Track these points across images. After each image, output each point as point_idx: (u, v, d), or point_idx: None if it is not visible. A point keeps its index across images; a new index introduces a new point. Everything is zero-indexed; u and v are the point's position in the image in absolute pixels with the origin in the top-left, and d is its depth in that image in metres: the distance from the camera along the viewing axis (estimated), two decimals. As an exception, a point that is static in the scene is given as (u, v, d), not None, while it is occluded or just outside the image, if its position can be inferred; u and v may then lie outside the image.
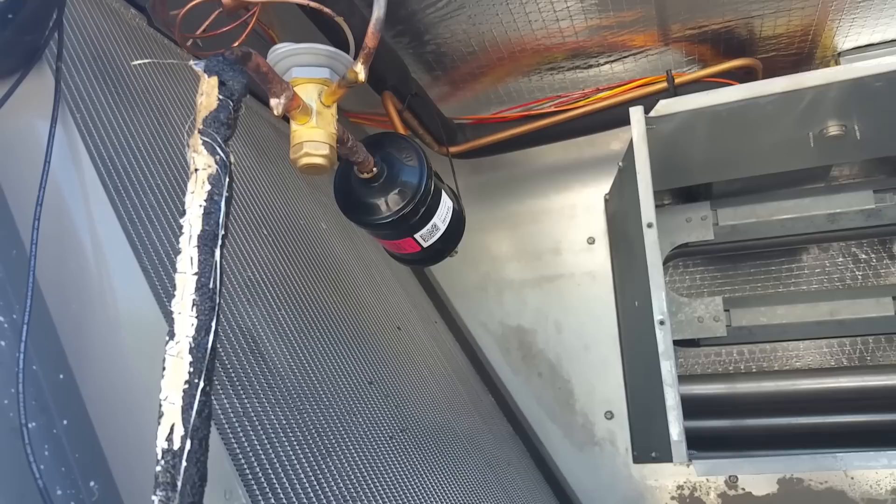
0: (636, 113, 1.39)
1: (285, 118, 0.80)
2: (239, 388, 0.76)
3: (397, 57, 1.54)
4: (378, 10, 0.70)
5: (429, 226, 1.03)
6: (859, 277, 2.12)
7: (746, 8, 1.44)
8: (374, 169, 0.96)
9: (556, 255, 2.03)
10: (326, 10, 0.77)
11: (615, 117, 1.73)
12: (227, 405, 0.71)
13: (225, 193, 0.58)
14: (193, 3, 0.80)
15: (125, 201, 0.78)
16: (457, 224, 1.11)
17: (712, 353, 2.23)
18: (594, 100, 1.72)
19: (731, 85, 1.43)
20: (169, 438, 0.51)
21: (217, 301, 0.55)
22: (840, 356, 2.12)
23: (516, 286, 2.07)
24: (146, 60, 0.80)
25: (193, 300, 0.54)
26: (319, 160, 0.77)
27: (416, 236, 1.04)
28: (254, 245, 1.09)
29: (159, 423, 0.51)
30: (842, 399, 1.91)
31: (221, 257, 0.57)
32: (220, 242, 0.56)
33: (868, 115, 1.36)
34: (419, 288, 2.09)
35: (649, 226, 1.34)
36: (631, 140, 1.43)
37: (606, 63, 1.72)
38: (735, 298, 2.12)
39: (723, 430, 2.01)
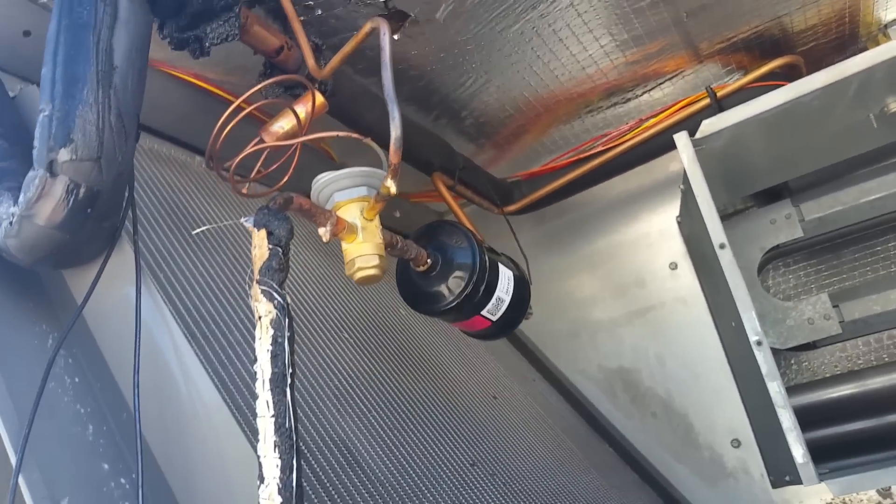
0: (681, 138, 1.37)
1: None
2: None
3: (439, 139, 1.60)
4: (395, 131, 0.75)
5: (493, 300, 1.05)
6: (973, 240, 1.96)
7: (770, 10, 1.42)
8: (429, 261, 0.99)
9: (640, 287, 1.99)
10: (355, 135, 0.83)
11: (665, 143, 1.71)
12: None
13: (287, 333, 0.62)
14: (241, 156, 0.88)
15: (209, 347, 0.85)
16: (521, 291, 1.13)
17: (836, 350, 2.10)
18: (640, 131, 1.71)
19: (774, 88, 1.39)
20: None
21: (295, 439, 0.58)
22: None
23: (608, 326, 2.04)
24: (204, 228, 0.88)
25: (275, 442, 0.58)
26: (372, 271, 0.82)
27: (484, 313, 1.06)
28: (338, 351, 1.14)
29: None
30: None
31: (294, 395, 0.61)
32: (289, 381, 0.61)
33: (928, 82, 1.29)
34: (511, 349, 2.09)
35: (721, 247, 1.31)
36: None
37: (644, 93, 1.72)
38: (842, 292, 2.00)
39: (863, 432, 1.87)
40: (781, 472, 1.58)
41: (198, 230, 0.83)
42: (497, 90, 1.55)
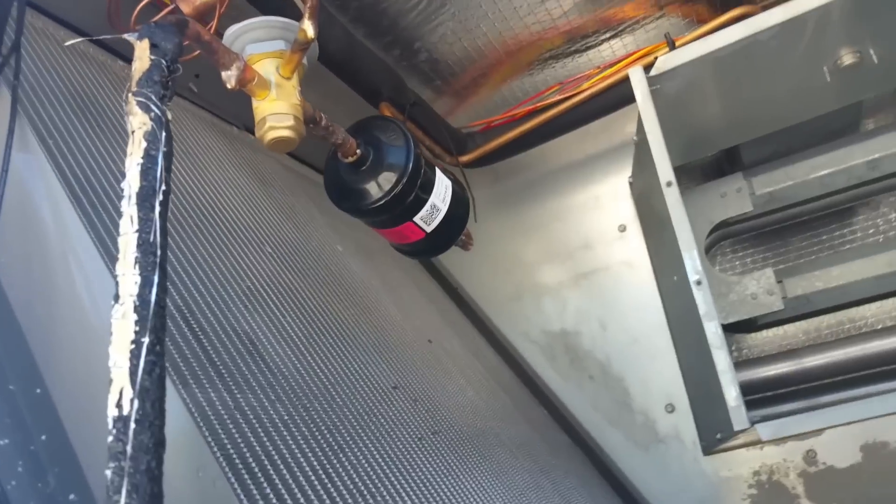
0: (636, 73, 1.33)
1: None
2: (230, 383, 0.71)
3: (388, 67, 1.52)
4: (312, -44, 0.67)
5: (427, 206, 0.98)
6: (915, 230, 1.98)
7: (734, -50, 1.39)
8: (358, 151, 0.92)
9: (587, 249, 1.95)
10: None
11: (624, 95, 1.67)
12: (215, 398, 0.66)
13: (163, 148, 0.54)
14: (141, 5, 0.79)
15: (98, 212, 0.76)
16: (459, 206, 1.06)
17: (777, 337, 2.10)
18: (597, 80, 1.66)
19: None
20: (119, 404, 0.46)
21: (160, 255, 0.50)
22: (911, 316, 1.96)
23: (553, 289, 1.99)
24: (77, 40, 0.78)
25: (136, 258, 0.50)
26: (285, 132, 0.73)
27: (417, 219, 0.99)
28: (255, 259, 1.06)
29: (109, 392, 0.46)
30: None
31: (165, 214, 0.53)
32: (160, 198, 0.53)
33: (880, 34, 1.26)
34: (454, 306, 2.03)
35: (669, 184, 1.26)
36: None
37: (604, 42, 1.67)
38: (787, 268, 2.00)
39: (798, 412, 1.86)
40: (713, 432, 1.55)
41: (69, 42, 0.74)
42: (453, 18, 1.48)
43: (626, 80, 1.62)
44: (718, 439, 1.45)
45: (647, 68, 1.53)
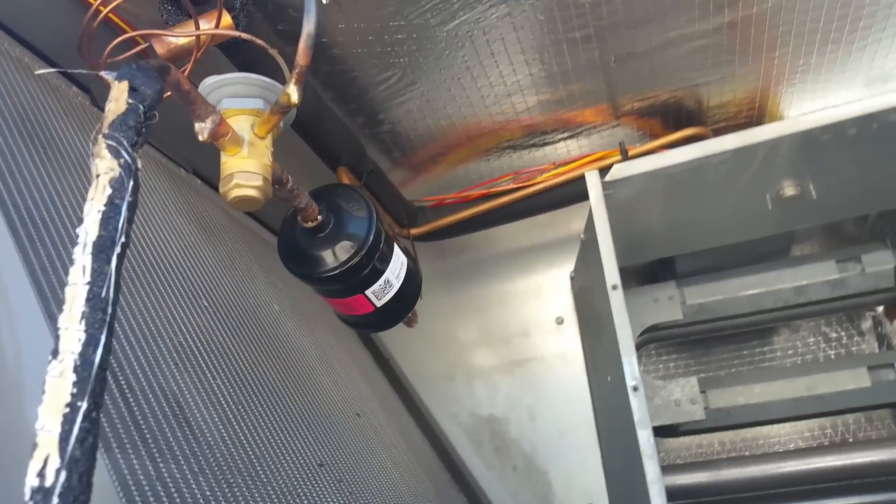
0: (592, 176, 1.37)
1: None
2: (154, 450, 0.66)
3: (352, 134, 1.53)
4: (308, 25, 0.67)
5: (381, 281, 0.97)
6: (832, 357, 2.09)
7: (691, 75, 1.48)
8: (319, 217, 0.90)
9: (524, 337, 1.96)
10: (260, 42, 0.74)
11: (573, 193, 1.73)
12: (138, 466, 0.61)
13: (128, 198, 0.51)
14: (113, 44, 0.76)
15: (36, 248, 0.71)
16: (410, 283, 1.04)
17: (693, 444, 2.14)
18: (552, 175, 1.71)
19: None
20: (41, 474, 0.41)
21: (110, 312, 0.47)
22: (822, 440, 2.05)
23: (486, 373, 1.98)
24: (49, 70, 0.75)
25: (83, 312, 0.46)
26: (252, 192, 0.71)
27: (368, 293, 0.97)
28: (189, 312, 1.01)
29: (31, 458, 0.42)
30: (830, 479, 1.81)
31: (121, 269, 0.49)
32: (118, 251, 0.49)
33: (821, 172, 1.36)
34: (384, 379, 1.98)
35: (614, 287, 1.29)
36: (591, 209, 1.41)
37: (561, 140, 1.73)
38: (711, 379, 2.06)
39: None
40: (633, 541, 1.54)
41: (40, 71, 0.70)
42: (421, 97, 1.50)
43: (578, 179, 1.69)
44: (638, 548, 1.44)
45: (602, 172, 1.59)
